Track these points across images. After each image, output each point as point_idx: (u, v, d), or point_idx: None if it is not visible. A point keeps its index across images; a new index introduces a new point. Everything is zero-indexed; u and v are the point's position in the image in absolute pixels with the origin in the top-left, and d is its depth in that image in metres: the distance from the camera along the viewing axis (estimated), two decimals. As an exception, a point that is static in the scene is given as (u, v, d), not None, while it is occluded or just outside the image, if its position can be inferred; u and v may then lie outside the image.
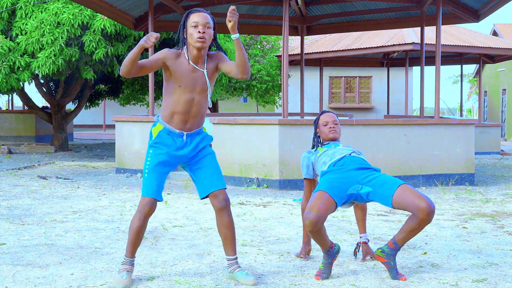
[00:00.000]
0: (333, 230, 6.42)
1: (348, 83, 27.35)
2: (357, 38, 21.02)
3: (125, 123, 11.89)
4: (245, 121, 10.49)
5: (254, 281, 4.35)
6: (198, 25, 4.36)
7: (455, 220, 7.19)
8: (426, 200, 4.42)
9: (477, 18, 12.71)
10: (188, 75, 4.36)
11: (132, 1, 12.11)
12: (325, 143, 5.15)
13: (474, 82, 43.70)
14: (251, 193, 9.48)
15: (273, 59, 22.26)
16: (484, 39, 19.98)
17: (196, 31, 4.34)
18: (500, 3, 11.46)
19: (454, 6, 12.37)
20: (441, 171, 10.56)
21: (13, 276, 4.56)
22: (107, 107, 32.86)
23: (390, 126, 10.38)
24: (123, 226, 6.63)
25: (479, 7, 12.43)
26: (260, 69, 21.75)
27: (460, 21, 13.31)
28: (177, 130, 4.42)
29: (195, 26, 4.35)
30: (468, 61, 21.77)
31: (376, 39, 19.88)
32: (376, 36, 20.30)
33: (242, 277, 4.40)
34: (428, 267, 4.91)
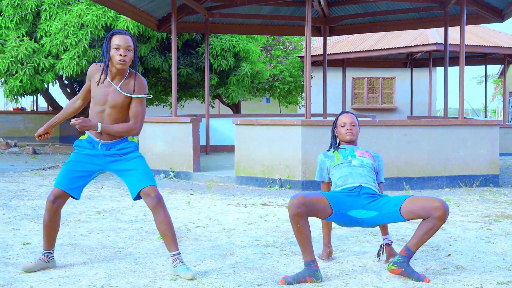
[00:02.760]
0: (356, 232, 6.39)
1: (371, 83, 27.23)
2: (380, 38, 20.94)
3: (148, 124, 11.94)
4: (268, 122, 10.49)
5: (193, 275, 4.51)
6: (120, 48, 4.58)
7: (479, 221, 7.13)
8: (439, 200, 4.43)
9: (502, 18, 12.60)
10: (100, 89, 4.66)
11: (155, 3, 12.17)
12: (342, 145, 5.14)
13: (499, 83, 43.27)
14: (273, 194, 9.48)
15: (295, 60, 22.24)
16: (509, 39, 19.79)
17: (118, 54, 4.58)
18: (525, 2, 11.34)
19: (478, 6, 12.27)
20: (465, 172, 10.48)
21: (38, 275, 4.60)
22: (130, 108, 32.98)
23: (413, 127, 10.32)
24: (146, 226, 6.66)
25: (504, 7, 12.32)
26: (283, 70, 21.73)
27: (484, 21, 13.21)
28: (96, 138, 4.73)
29: (117, 49, 4.58)
30: (492, 61, 21.58)
31: (399, 40, 19.80)
32: (399, 37, 20.22)
33: (182, 271, 4.54)
34: (452, 269, 4.88)
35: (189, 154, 11.16)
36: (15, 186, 10.07)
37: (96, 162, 4.73)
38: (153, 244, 5.76)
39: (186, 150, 11.20)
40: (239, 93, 18.13)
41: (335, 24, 15.41)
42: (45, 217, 4.79)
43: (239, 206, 8.18)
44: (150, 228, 6.56)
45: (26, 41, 14.60)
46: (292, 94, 22.86)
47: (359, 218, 4.63)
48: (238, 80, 17.70)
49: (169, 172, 11.33)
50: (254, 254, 5.37)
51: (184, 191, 9.70)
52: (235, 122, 10.69)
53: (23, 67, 14.61)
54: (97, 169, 4.76)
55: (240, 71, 17.46)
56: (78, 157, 4.75)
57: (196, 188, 10.06)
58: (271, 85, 21.88)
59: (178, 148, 11.34)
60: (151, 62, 16.18)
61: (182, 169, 11.24)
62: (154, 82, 19.44)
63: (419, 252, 5.38)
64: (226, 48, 16.87)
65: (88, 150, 4.74)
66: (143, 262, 5.04)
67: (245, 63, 17.52)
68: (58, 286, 4.31)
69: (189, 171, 11.16)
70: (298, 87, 22.18)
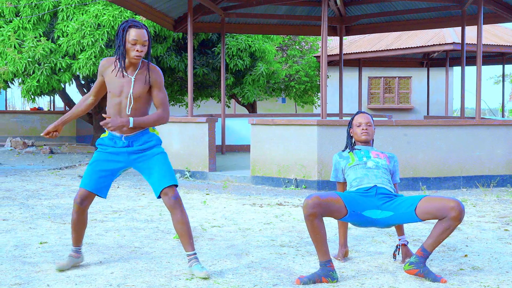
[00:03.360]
0: (372, 232, 6.38)
1: (387, 83, 27.13)
2: (396, 38, 20.87)
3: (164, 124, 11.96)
4: (284, 122, 10.48)
5: (207, 273, 4.51)
6: (137, 43, 4.56)
7: (496, 222, 7.09)
8: (455, 200, 4.41)
9: (520, 17, 12.51)
10: (115, 81, 4.65)
11: (171, 3, 12.20)
12: (357, 146, 5.14)
13: (516, 82, 42.96)
14: (289, 193, 9.47)
15: (311, 59, 22.21)
16: (527, 39, 19.65)
17: (135, 49, 4.56)
18: (543, 1, 11.26)
19: (495, 5, 12.19)
20: (482, 172, 10.42)
21: (54, 274, 4.62)
22: (147, 107, 33.10)
23: (430, 127, 10.27)
24: (162, 226, 6.68)
25: (522, 6, 12.24)
26: (299, 69, 21.72)
27: (502, 20, 13.12)
28: (117, 133, 4.70)
29: (134, 44, 4.55)
30: (510, 61, 21.43)
31: (416, 39, 19.72)
32: (415, 36, 20.14)
33: (197, 270, 4.55)
34: (468, 270, 4.85)
35: (205, 154, 11.18)
36: (32, 185, 10.13)
37: (119, 159, 4.73)
38: (169, 243, 5.78)
39: (202, 150, 11.22)
40: (255, 93, 18.14)
41: (351, 23, 15.37)
42: (73, 217, 4.80)
43: (255, 206, 8.18)
44: (166, 227, 6.58)
45: (43, 41, 14.69)
46: (308, 94, 22.84)
47: (374, 218, 4.62)
48: (254, 80, 17.71)
49: (185, 172, 11.35)
50: (269, 254, 5.37)
51: (200, 190, 9.71)
52: (251, 122, 10.69)
53: (40, 67, 14.70)
54: (121, 167, 4.77)
55: (256, 71, 17.47)
56: (102, 156, 4.74)
57: (212, 188, 10.08)
58: (287, 85, 21.88)
59: (194, 148, 11.36)
60: (167, 62, 16.24)
61: (198, 168, 11.26)
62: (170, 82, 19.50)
63: (435, 253, 5.36)
64: (242, 48, 16.89)
65: (111, 148, 4.72)
66: (159, 261, 5.06)
67: (260, 63, 17.53)
68: (75, 285, 4.34)
69: (205, 171, 11.17)
70: (314, 87, 22.15)
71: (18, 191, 9.42)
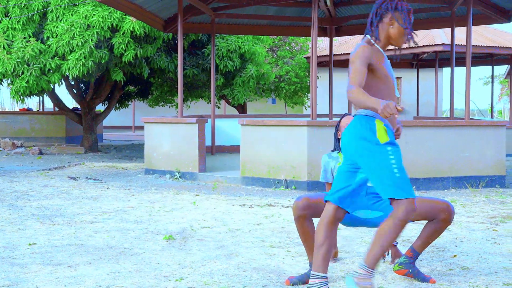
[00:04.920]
0: (362, 232, 6.39)
1: (377, 84, 27.18)
2: (386, 39, 20.90)
3: (154, 125, 11.96)
4: (274, 123, 10.49)
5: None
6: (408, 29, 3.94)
7: (485, 222, 7.11)
8: (445, 201, 4.43)
9: (509, 18, 12.58)
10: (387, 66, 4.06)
11: (161, 3, 12.18)
12: None
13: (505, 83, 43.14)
14: (279, 194, 9.48)
15: (301, 60, 22.24)
16: (516, 40, 19.74)
17: (406, 35, 3.96)
18: (532, 3, 11.32)
19: (484, 6, 12.25)
20: (471, 173, 10.45)
21: (44, 275, 4.61)
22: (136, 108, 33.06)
23: (420, 128, 10.30)
24: (151, 227, 6.67)
25: (511, 7, 12.29)
26: (289, 70, 21.73)
27: (491, 21, 13.18)
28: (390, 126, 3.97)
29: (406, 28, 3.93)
30: (499, 62, 21.53)
31: (406, 40, 19.76)
32: (405, 37, 20.18)
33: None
34: (458, 270, 4.87)
35: (195, 155, 11.17)
36: (21, 186, 10.09)
37: None
38: (159, 244, 5.77)
39: (192, 151, 11.21)
40: (245, 94, 18.14)
41: (341, 24, 15.40)
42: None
43: (245, 206, 8.18)
44: (155, 228, 6.57)
45: (33, 42, 14.63)
46: (298, 95, 22.87)
47: (364, 218, 4.63)
48: (244, 82, 17.71)
49: (175, 173, 11.34)
50: (259, 254, 5.37)
51: (190, 191, 9.70)
52: (241, 122, 10.69)
53: (29, 68, 14.63)
54: None
55: (246, 73, 17.46)
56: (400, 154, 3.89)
57: (201, 189, 10.07)
58: (277, 85, 21.89)
59: (184, 149, 11.35)
60: (157, 63, 16.20)
61: (188, 169, 11.25)
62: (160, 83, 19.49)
63: (424, 253, 5.37)
64: (232, 49, 16.87)
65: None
66: (148, 262, 5.05)
67: (250, 65, 17.53)
68: (64, 286, 4.32)
69: (195, 172, 11.16)
70: (304, 87, 22.18)
71: (7, 192, 9.38)
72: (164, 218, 7.22)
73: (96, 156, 16.95)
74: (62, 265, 4.93)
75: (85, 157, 16.47)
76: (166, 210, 7.84)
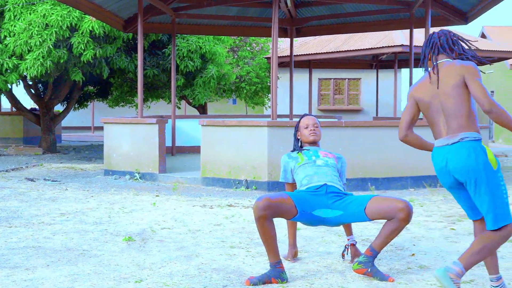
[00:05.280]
0: (322, 232, 6.42)
1: (337, 85, 27.39)
2: (346, 40, 21.06)
3: (113, 125, 11.86)
4: (234, 123, 10.49)
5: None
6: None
7: (443, 221, 7.21)
8: (404, 201, 4.48)
9: (466, 20, 12.77)
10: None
11: (121, 3, 12.09)
12: (305, 147, 5.18)
13: (463, 84, 43.80)
14: (239, 195, 9.48)
15: (262, 61, 22.26)
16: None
17: None
18: (488, 5, 11.52)
19: (443, 8, 12.43)
20: (430, 172, 10.56)
21: (0, 278, 4.53)
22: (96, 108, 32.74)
23: (379, 128, 10.39)
24: (111, 228, 6.61)
25: (468, 9, 12.49)
26: (250, 71, 21.74)
27: (449, 23, 13.37)
28: None
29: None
30: (456, 63, 21.80)
31: (365, 41, 19.93)
32: (365, 38, 20.35)
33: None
34: (416, 269, 4.92)
35: (155, 155, 11.11)
36: (-23, 188, 9.92)
37: None
38: (118, 246, 5.72)
39: (152, 151, 11.15)
40: (206, 95, 18.09)
41: (301, 25, 15.47)
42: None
43: (205, 207, 8.16)
44: (115, 230, 6.51)
45: (-11, 41, 14.39)
46: (258, 95, 22.89)
47: (324, 217, 4.65)
48: (205, 82, 17.66)
49: (135, 174, 11.26)
50: (219, 255, 5.37)
51: (150, 192, 9.64)
52: (202, 123, 10.66)
53: (-14, 67, 14.40)
54: None
55: (206, 73, 17.42)
56: None
57: (161, 190, 10.01)
58: (237, 86, 21.88)
59: (143, 149, 11.28)
60: (117, 63, 16.07)
61: (148, 170, 11.18)
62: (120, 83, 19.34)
63: (383, 252, 5.42)
64: (193, 50, 16.82)
65: None
66: (107, 264, 5.00)
67: (211, 65, 17.49)
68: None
69: (155, 173, 11.10)
70: (264, 88, 22.21)
71: (-38, 194, 9.21)
72: (123, 219, 7.16)
73: (55, 157, 16.75)
74: (19, 267, 4.85)
75: (43, 158, 16.26)
76: (125, 211, 7.78)
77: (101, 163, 14.31)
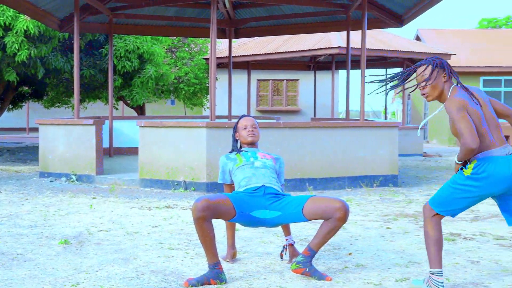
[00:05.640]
0: (260, 232, 6.44)
1: (276, 86, 27.53)
2: (284, 41, 21.18)
3: (49, 126, 11.64)
4: (173, 124, 10.43)
5: None
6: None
7: (379, 220, 7.33)
8: (341, 200, 4.54)
9: (401, 23, 13.01)
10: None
11: (57, 2, 11.87)
12: (243, 148, 5.20)
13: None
14: (178, 196, 9.43)
15: (201, 61, 22.21)
16: (408, 44, 20.44)
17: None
18: (422, 9, 11.76)
19: (379, 11, 12.63)
20: (366, 172, 10.74)
21: None
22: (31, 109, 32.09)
23: (317, 129, 10.50)
24: (46, 231, 6.49)
25: (403, 13, 12.72)
26: (188, 72, 21.66)
27: (384, 25, 13.59)
28: None
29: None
30: (392, 65, 22.22)
31: (303, 43, 20.09)
32: (303, 40, 20.51)
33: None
34: (353, 268, 4.99)
35: (91, 157, 10.96)
36: None
37: None
38: (54, 249, 5.62)
39: (89, 153, 10.99)
40: (144, 95, 17.92)
41: (240, 26, 15.49)
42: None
43: (143, 209, 8.09)
44: (50, 233, 6.40)
45: None
46: (197, 96, 22.81)
47: (262, 218, 4.67)
48: (143, 83, 17.50)
49: (71, 176, 11.08)
50: (158, 257, 5.33)
51: (87, 194, 9.51)
52: (140, 124, 10.57)
53: None
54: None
55: (144, 74, 17.27)
56: None
57: (99, 192, 9.88)
58: (176, 87, 21.77)
59: (80, 151, 11.11)
60: (53, 63, 15.77)
61: (85, 172, 11.02)
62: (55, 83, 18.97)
63: (321, 252, 5.48)
64: (130, 50, 16.64)
65: None
66: (43, 268, 4.91)
67: (149, 65, 17.34)
68: (-48, 295, 4.15)
69: (91, 174, 10.95)
70: (203, 89, 22.16)
71: None
72: (59, 222, 7.04)
73: (-12, 159, 16.33)
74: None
75: (-24, 160, 15.84)
76: (61, 213, 7.65)
77: (36, 165, 14.03)
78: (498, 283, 4.54)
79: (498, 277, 4.71)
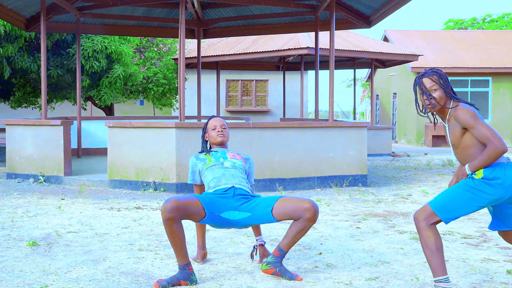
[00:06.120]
0: (230, 233, 6.44)
1: (245, 86, 27.55)
2: (253, 42, 21.21)
3: (16, 127, 11.51)
4: (142, 124, 10.38)
5: None
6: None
7: (349, 220, 7.38)
8: (310, 201, 4.57)
9: (369, 24, 13.10)
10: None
11: (23, 1, 11.75)
12: (213, 148, 5.20)
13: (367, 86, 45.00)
14: (148, 197, 9.39)
15: (169, 62, 22.13)
16: (376, 45, 20.60)
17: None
18: (390, 10, 11.86)
19: (347, 12, 12.71)
20: (336, 172, 10.79)
21: None
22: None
23: (286, 129, 10.52)
24: (14, 233, 6.41)
25: (371, 14, 12.82)
26: (157, 72, 21.57)
27: (353, 26, 13.68)
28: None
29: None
30: (361, 65, 22.39)
31: (272, 43, 20.13)
32: (272, 40, 20.56)
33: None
34: (323, 267, 5.01)
35: (59, 158, 10.86)
36: None
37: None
38: (22, 251, 5.55)
39: (57, 154, 10.89)
40: (112, 96, 17.81)
41: (209, 26, 15.47)
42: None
43: (113, 210, 8.04)
44: (18, 234, 6.32)
45: None
46: (166, 97, 22.73)
47: (232, 219, 4.67)
48: (111, 83, 17.39)
49: (39, 177, 10.97)
50: (127, 258, 5.30)
51: (55, 195, 9.42)
52: (108, 124, 10.50)
53: None
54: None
55: (112, 73, 17.16)
56: None
57: (67, 193, 9.79)
58: (145, 87, 21.66)
59: (48, 152, 11.00)
60: (19, 63, 15.60)
61: (53, 173, 10.91)
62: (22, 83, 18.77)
63: (291, 252, 5.49)
64: (98, 50, 16.54)
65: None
66: (11, 270, 4.85)
67: (117, 65, 17.24)
68: None
69: (60, 175, 10.85)
70: (172, 89, 22.08)
71: None
72: (27, 224, 6.96)
73: (-47, 160, 16.09)
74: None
75: None
76: (29, 215, 7.57)
77: (3, 166, 13.85)
78: (466, 282, 4.60)
79: (466, 276, 4.77)
